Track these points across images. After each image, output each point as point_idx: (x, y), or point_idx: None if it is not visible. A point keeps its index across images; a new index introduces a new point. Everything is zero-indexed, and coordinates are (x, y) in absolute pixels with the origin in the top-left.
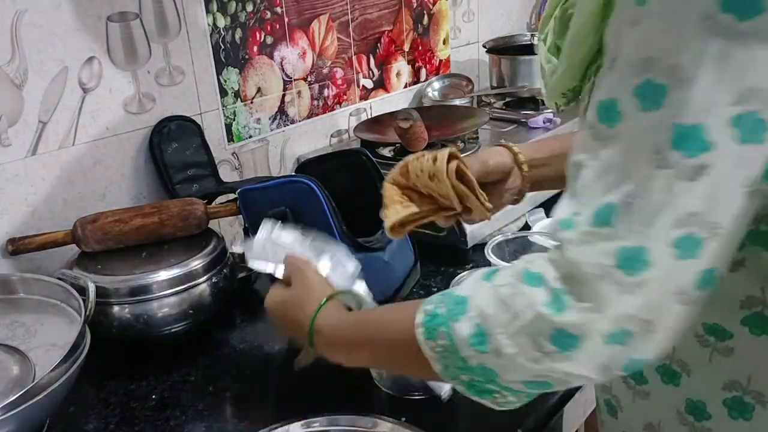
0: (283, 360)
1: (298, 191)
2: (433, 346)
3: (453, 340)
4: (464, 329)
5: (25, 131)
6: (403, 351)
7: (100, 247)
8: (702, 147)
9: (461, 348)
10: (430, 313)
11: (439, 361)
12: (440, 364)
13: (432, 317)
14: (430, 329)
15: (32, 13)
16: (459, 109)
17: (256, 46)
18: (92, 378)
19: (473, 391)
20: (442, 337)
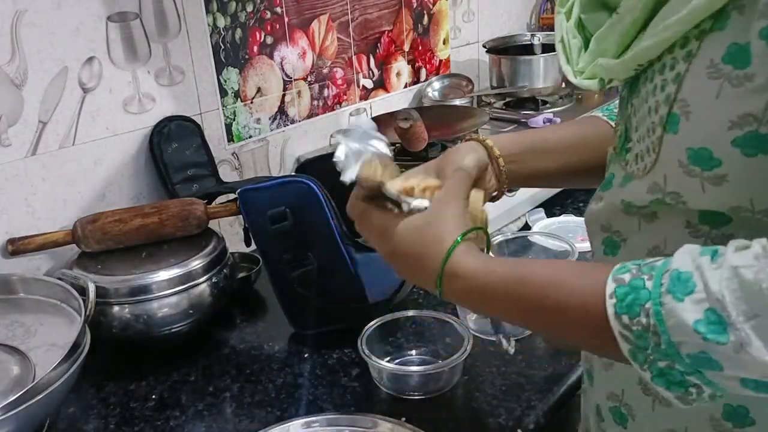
0: (283, 360)
1: (298, 191)
2: (628, 324)
3: (665, 323)
4: (690, 313)
5: (25, 131)
6: (577, 320)
7: (99, 247)
8: None
9: (677, 333)
10: (628, 283)
11: (632, 341)
12: (632, 344)
13: (633, 289)
14: (630, 303)
15: (32, 13)
16: (459, 109)
17: (256, 46)
18: (92, 378)
19: (663, 382)
20: (648, 315)
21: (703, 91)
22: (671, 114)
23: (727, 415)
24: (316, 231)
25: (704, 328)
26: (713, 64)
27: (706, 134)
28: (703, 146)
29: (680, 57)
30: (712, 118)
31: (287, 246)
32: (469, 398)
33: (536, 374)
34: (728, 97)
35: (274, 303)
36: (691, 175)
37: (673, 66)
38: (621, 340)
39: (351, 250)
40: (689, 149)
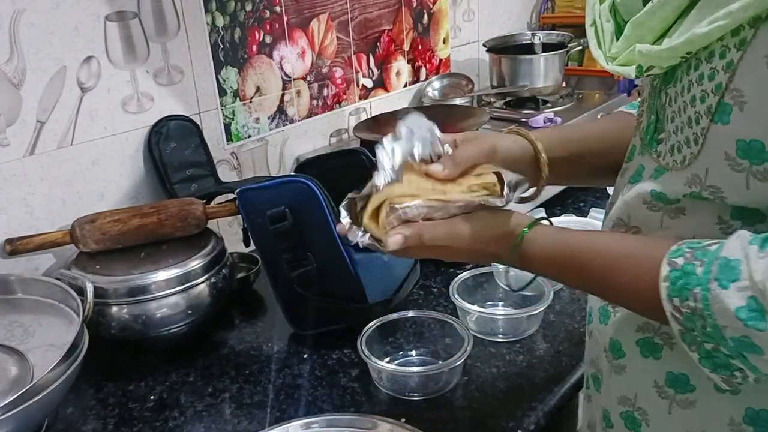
0: (282, 361)
1: (298, 191)
2: (678, 306)
3: (711, 307)
4: (733, 299)
5: (24, 131)
6: (634, 295)
7: (98, 247)
8: None
9: (722, 318)
10: (680, 268)
11: (681, 322)
12: (681, 325)
13: (684, 274)
14: (681, 287)
15: (31, 12)
16: (459, 108)
17: (255, 46)
18: (91, 378)
19: (710, 363)
20: (696, 299)
21: (760, 81)
22: (721, 104)
23: (750, 419)
24: (315, 231)
25: (745, 314)
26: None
27: (760, 126)
28: (756, 138)
29: (732, 45)
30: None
31: (286, 246)
32: (469, 399)
33: (536, 375)
34: None
35: (273, 303)
36: (738, 169)
37: (724, 54)
38: (672, 320)
39: (351, 251)
40: (740, 141)
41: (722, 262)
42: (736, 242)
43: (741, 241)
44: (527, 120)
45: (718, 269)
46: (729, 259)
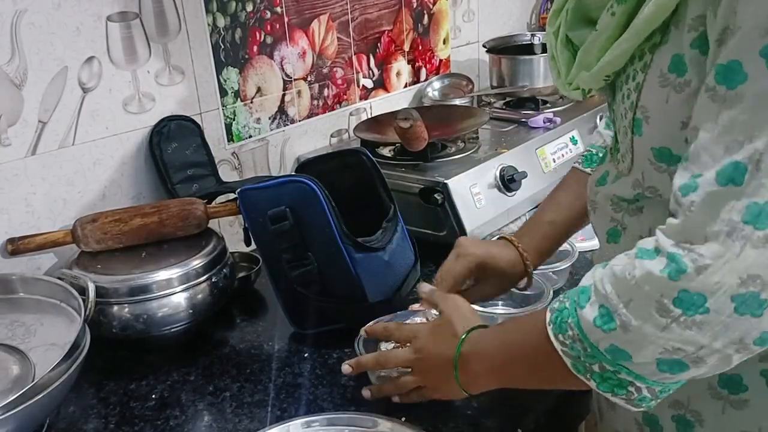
0: (283, 360)
1: (298, 191)
2: (562, 340)
3: (581, 327)
4: (590, 313)
5: (25, 131)
6: (540, 356)
7: (99, 246)
8: None
9: (590, 333)
10: (557, 309)
11: (568, 354)
12: (570, 357)
13: (559, 312)
14: (560, 323)
15: (32, 12)
16: (459, 108)
17: (256, 46)
18: (92, 378)
19: (607, 386)
20: (571, 328)
21: (656, 97)
22: (635, 119)
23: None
24: (316, 231)
25: (600, 321)
26: (662, 74)
27: (663, 135)
28: (664, 145)
29: (639, 68)
30: (666, 121)
31: (287, 246)
32: (468, 398)
33: None
34: (675, 102)
35: (274, 303)
36: (660, 171)
37: (635, 77)
38: (563, 356)
39: (351, 250)
40: (653, 149)
41: (579, 290)
42: (587, 274)
43: (591, 270)
44: (527, 120)
45: (578, 297)
46: (583, 287)
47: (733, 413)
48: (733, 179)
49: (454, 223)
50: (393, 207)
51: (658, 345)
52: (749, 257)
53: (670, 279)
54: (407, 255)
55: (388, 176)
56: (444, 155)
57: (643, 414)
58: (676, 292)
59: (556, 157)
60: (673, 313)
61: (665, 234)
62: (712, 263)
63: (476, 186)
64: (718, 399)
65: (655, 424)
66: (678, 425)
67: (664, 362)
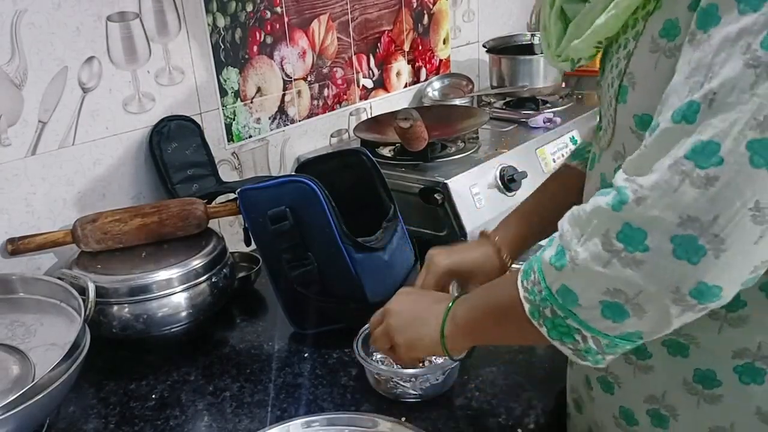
0: (283, 360)
1: (298, 191)
2: (525, 285)
3: (541, 269)
4: (548, 254)
5: (25, 131)
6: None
7: (99, 246)
8: None
9: (546, 273)
10: (528, 260)
11: (528, 299)
12: (528, 303)
13: (529, 262)
14: (526, 269)
15: (32, 13)
16: (459, 108)
17: (256, 46)
18: (92, 377)
19: (556, 333)
20: (534, 272)
21: (645, 63)
22: (621, 86)
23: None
24: (316, 231)
25: (554, 259)
26: (653, 39)
27: (647, 101)
28: (646, 112)
29: (631, 36)
30: (652, 87)
31: (287, 246)
32: (469, 398)
33: (536, 373)
34: (664, 67)
35: (274, 303)
36: (641, 139)
37: (626, 45)
38: (525, 303)
39: (351, 250)
40: (635, 116)
41: (549, 239)
42: None
43: None
44: (527, 120)
45: (547, 244)
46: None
47: (707, 408)
48: (686, 117)
49: (454, 223)
50: (393, 207)
51: (601, 284)
52: (687, 194)
53: (613, 210)
54: (407, 255)
55: (388, 176)
56: (444, 155)
57: (620, 408)
58: (619, 225)
59: (556, 157)
60: (615, 247)
61: (623, 170)
62: (650, 194)
63: (476, 186)
64: (692, 394)
65: (631, 418)
66: (653, 419)
67: (607, 306)
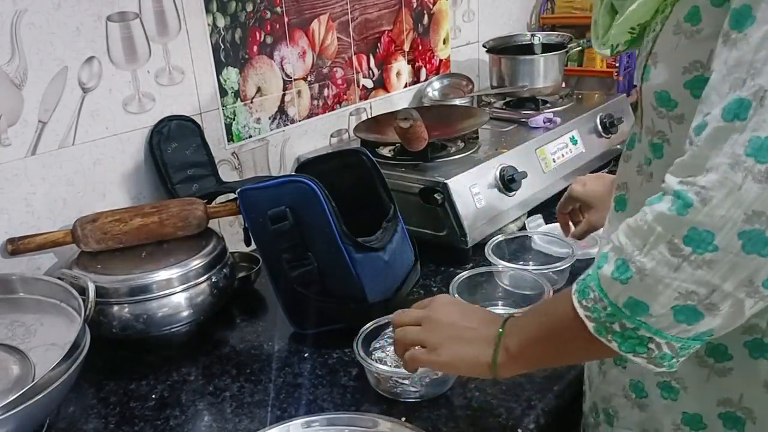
0: (283, 360)
1: (298, 191)
2: (585, 304)
3: (601, 286)
4: (608, 270)
5: (25, 131)
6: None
7: (99, 246)
8: None
9: (609, 289)
10: (581, 278)
11: (590, 318)
12: (593, 321)
13: (583, 280)
14: (582, 289)
15: (32, 13)
16: (459, 108)
17: (256, 46)
18: (92, 377)
19: (627, 346)
20: (592, 290)
21: (667, 44)
22: (646, 66)
23: None
24: (316, 231)
25: (617, 273)
26: (678, 23)
27: (665, 79)
28: (664, 89)
29: (659, 21)
30: (671, 64)
31: (287, 246)
32: (469, 398)
33: (536, 373)
34: (683, 48)
35: (274, 303)
36: (660, 116)
37: (654, 28)
38: (587, 321)
39: (351, 250)
40: (655, 92)
41: (600, 255)
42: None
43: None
44: (527, 120)
45: (599, 260)
46: (602, 252)
47: (716, 380)
48: (737, 114)
49: (454, 223)
50: (393, 207)
51: (673, 289)
52: (752, 191)
53: (678, 215)
54: (407, 255)
55: (388, 176)
56: (444, 155)
57: (630, 381)
58: (685, 229)
59: (556, 157)
60: (683, 251)
61: (672, 174)
62: (715, 194)
63: (476, 186)
64: (703, 367)
65: (640, 391)
66: (663, 391)
67: (680, 311)
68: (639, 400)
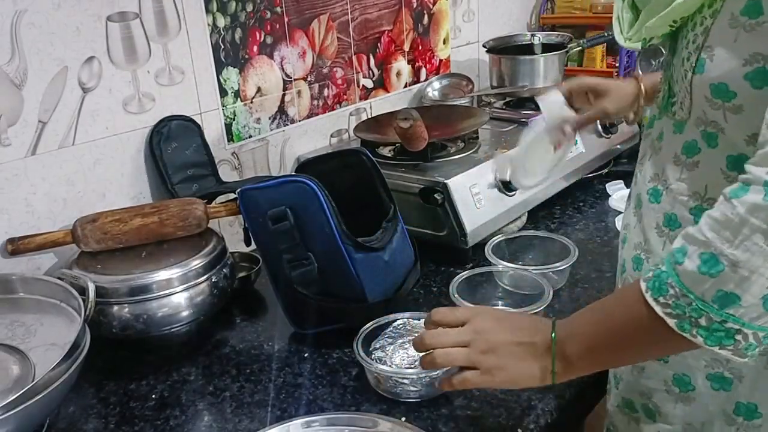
0: (283, 360)
1: (298, 191)
2: (664, 302)
3: (683, 282)
4: (691, 265)
5: (25, 131)
6: (638, 326)
7: (99, 247)
8: None
9: (694, 284)
10: (652, 276)
11: (672, 314)
12: (674, 317)
13: (656, 277)
14: (658, 287)
15: (32, 13)
16: (459, 108)
17: (256, 46)
18: (92, 377)
19: (714, 340)
20: (672, 287)
21: (724, 37)
22: (699, 59)
23: None
24: (315, 231)
25: (705, 267)
26: (733, 17)
27: (724, 71)
28: (722, 81)
29: (708, 15)
30: (730, 58)
31: (287, 246)
32: (468, 398)
33: None
34: (743, 40)
35: (274, 303)
36: (715, 107)
37: (702, 22)
38: (667, 318)
39: (351, 250)
40: (711, 84)
41: (674, 251)
42: (677, 239)
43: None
44: (527, 120)
45: (673, 257)
46: (676, 248)
47: None
48: None
49: (454, 223)
50: (393, 207)
51: (766, 277)
52: None
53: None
54: (407, 255)
55: (388, 176)
56: (444, 155)
57: (674, 375)
58: None
59: None
60: None
61: (756, 164)
62: None
63: (476, 186)
64: (762, 354)
65: (687, 384)
66: (713, 383)
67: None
68: (684, 394)
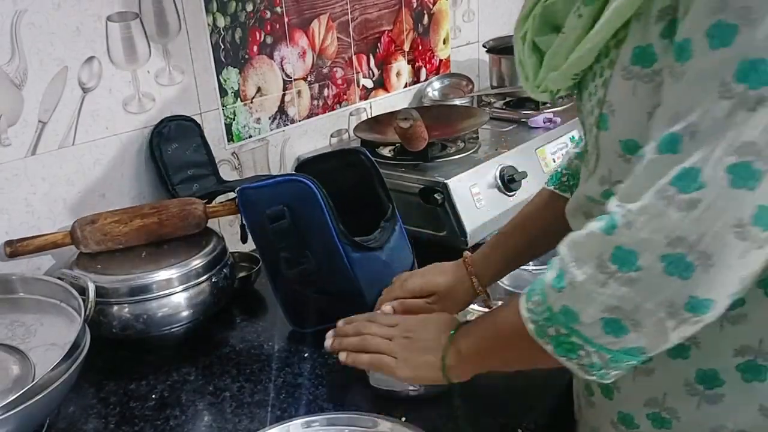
0: (283, 360)
1: (297, 190)
2: (529, 307)
3: (543, 291)
4: (550, 276)
5: (25, 131)
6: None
7: (99, 248)
8: (765, 80)
9: (548, 295)
10: (531, 284)
11: (531, 320)
12: (533, 323)
13: (532, 285)
14: (529, 293)
15: (32, 13)
16: (459, 108)
17: (256, 46)
18: (92, 377)
19: (562, 350)
20: (536, 294)
21: (621, 91)
22: (601, 114)
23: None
24: (313, 230)
25: (555, 281)
26: (625, 68)
27: (630, 127)
28: (630, 138)
29: (605, 65)
30: (633, 112)
31: (285, 244)
32: (468, 398)
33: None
34: (643, 92)
35: (273, 303)
36: (629, 162)
37: (601, 74)
38: (529, 323)
39: (348, 249)
40: (621, 141)
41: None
42: None
43: None
44: (527, 120)
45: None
46: (551, 260)
47: (708, 409)
48: (670, 148)
49: (454, 223)
50: (391, 207)
51: (599, 302)
52: (673, 217)
53: (605, 234)
54: (405, 255)
55: (388, 176)
56: (444, 155)
57: (618, 413)
58: (612, 248)
59: (556, 157)
60: (610, 269)
61: (615, 197)
62: (637, 218)
63: (476, 186)
64: (693, 395)
65: (630, 422)
66: (654, 423)
67: (607, 322)
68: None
